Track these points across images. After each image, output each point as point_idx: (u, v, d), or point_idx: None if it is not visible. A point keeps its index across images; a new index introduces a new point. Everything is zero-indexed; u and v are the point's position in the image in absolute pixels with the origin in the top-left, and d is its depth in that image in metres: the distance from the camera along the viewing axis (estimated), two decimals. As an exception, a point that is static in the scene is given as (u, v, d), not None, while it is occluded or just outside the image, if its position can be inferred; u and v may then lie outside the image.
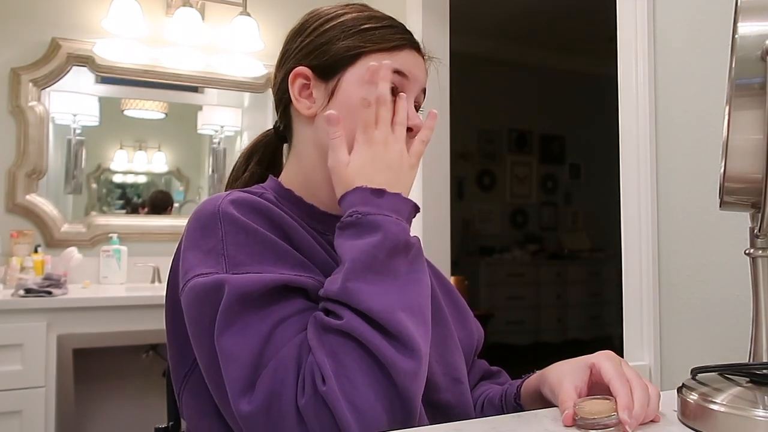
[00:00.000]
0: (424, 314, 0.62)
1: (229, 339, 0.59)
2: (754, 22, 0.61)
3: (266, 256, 0.64)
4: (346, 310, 0.58)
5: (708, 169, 1.18)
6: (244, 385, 0.57)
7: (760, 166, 0.59)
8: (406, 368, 0.57)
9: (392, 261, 0.62)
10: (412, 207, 0.68)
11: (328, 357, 0.57)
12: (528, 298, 5.29)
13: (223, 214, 0.65)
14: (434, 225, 2.31)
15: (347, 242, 0.63)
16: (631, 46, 1.34)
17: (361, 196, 0.65)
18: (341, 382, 0.55)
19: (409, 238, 0.64)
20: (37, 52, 2.43)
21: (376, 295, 0.59)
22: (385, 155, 0.68)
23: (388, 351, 0.57)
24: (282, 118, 0.82)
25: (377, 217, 0.63)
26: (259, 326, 0.59)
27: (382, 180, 0.67)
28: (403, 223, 0.65)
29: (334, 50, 0.74)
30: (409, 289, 0.62)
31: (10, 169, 2.37)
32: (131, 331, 2.04)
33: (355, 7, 0.79)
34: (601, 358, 0.66)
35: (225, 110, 2.82)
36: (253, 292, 0.60)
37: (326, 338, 0.58)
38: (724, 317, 1.14)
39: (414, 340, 0.58)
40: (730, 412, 0.56)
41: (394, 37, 0.75)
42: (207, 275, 0.62)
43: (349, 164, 0.68)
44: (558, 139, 5.89)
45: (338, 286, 0.60)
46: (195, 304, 0.62)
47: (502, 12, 4.51)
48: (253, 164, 0.86)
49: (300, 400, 0.56)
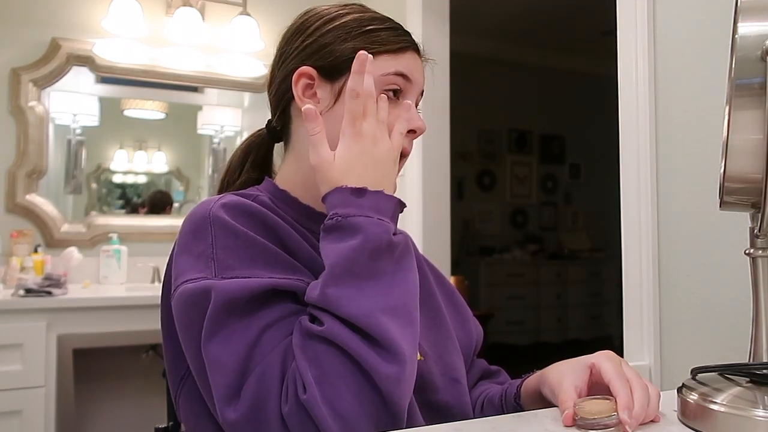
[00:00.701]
0: (411, 314, 0.61)
1: (216, 346, 0.59)
2: (754, 22, 0.61)
3: (256, 260, 0.63)
4: (328, 315, 0.58)
5: (708, 169, 1.18)
6: (230, 392, 0.57)
7: (760, 166, 0.59)
8: (389, 373, 0.56)
9: (375, 262, 0.60)
10: (395, 204, 0.65)
11: (311, 364, 0.56)
12: (528, 298, 5.29)
13: (214, 218, 0.65)
14: (434, 225, 2.31)
15: (329, 246, 0.62)
16: (631, 45, 1.34)
17: (341, 197, 0.63)
18: (323, 390, 0.55)
19: (392, 238, 0.62)
20: (37, 52, 2.43)
21: (357, 299, 0.58)
22: (374, 150, 0.66)
23: (369, 356, 0.56)
24: (280, 118, 0.81)
25: (358, 219, 0.61)
26: (245, 332, 0.59)
27: (370, 177, 0.65)
28: (386, 222, 0.62)
29: (339, 51, 0.74)
30: (394, 290, 0.60)
31: (10, 169, 2.37)
32: (131, 331, 2.04)
33: (355, 7, 0.78)
34: (601, 358, 0.66)
35: (225, 110, 2.82)
36: (239, 298, 0.60)
37: (309, 344, 0.57)
38: (724, 317, 1.14)
39: (397, 344, 0.57)
40: (730, 412, 0.56)
41: (398, 39, 0.75)
42: (196, 281, 0.62)
43: (335, 160, 0.66)
44: (558, 139, 5.89)
45: (317, 292, 0.59)
46: (184, 310, 0.62)
47: (502, 12, 4.51)
48: (248, 166, 0.85)
49: (284, 407, 0.56)
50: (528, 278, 5.32)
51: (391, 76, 0.73)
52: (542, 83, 5.55)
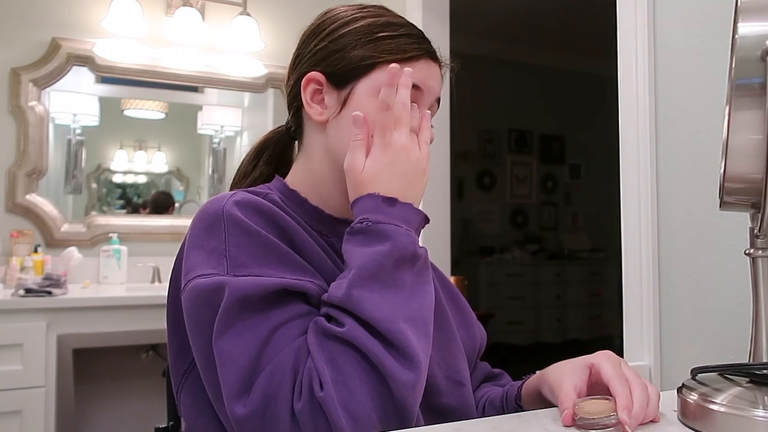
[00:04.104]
0: (427, 326, 0.62)
1: (227, 342, 0.59)
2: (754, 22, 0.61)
3: (268, 258, 0.64)
4: (349, 317, 0.58)
5: (708, 169, 1.18)
6: (240, 388, 0.57)
7: (760, 166, 0.59)
8: (405, 380, 0.57)
9: (399, 271, 0.61)
10: (422, 218, 0.67)
11: (328, 363, 0.57)
12: (528, 298, 5.29)
13: (227, 215, 0.65)
14: (434, 225, 2.29)
15: (356, 249, 0.63)
16: (631, 46, 1.34)
17: (373, 204, 0.65)
18: (339, 389, 0.55)
19: (417, 250, 0.64)
20: (37, 52, 2.43)
21: (380, 304, 0.59)
22: (403, 161, 0.67)
23: (388, 361, 0.57)
24: (294, 120, 0.82)
25: (387, 227, 0.63)
26: (257, 329, 0.59)
27: (397, 187, 0.66)
28: (413, 234, 0.64)
29: (348, 58, 0.73)
30: (414, 300, 0.62)
31: (10, 169, 2.37)
32: (131, 331, 2.04)
33: (372, 10, 0.77)
34: (600, 358, 0.66)
35: (225, 110, 2.82)
36: (253, 296, 0.60)
37: (327, 344, 0.58)
38: (724, 317, 1.14)
39: (415, 351, 0.58)
40: (730, 412, 0.56)
41: (410, 47, 0.74)
42: (208, 276, 0.62)
43: (364, 169, 0.67)
44: (558, 139, 5.89)
45: (343, 292, 0.59)
46: (195, 305, 0.62)
47: (502, 12, 4.51)
48: (262, 162, 0.85)
49: (296, 404, 0.56)
50: (528, 278, 5.32)
51: None
52: (542, 83, 5.54)
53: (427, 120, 0.72)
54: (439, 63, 0.78)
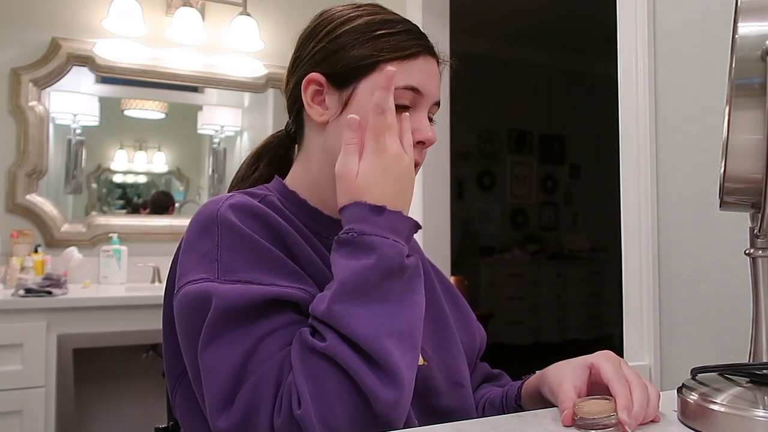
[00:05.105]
0: (414, 339, 0.60)
1: (212, 353, 0.59)
2: (754, 22, 0.61)
3: (260, 264, 0.63)
4: (331, 332, 0.57)
5: (708, 169, 1.18)
6: (223, 400, 0.57)
7: (760, 166, 0.59)
8: (387, 398, 0.55)
9: (385, 284, 0.60)
10: (412, 225, 0.65)
11: (308, 380, 0.55)
12: (528, 298, 5.29)
13: (221, 218, 0.65)
14: (434, 225, 2.31)
15: (341, 261, 0.61)
16: (631, 46, 1.34)
17: (360, 213, 0.63)
18: (318, 407, 0.54)
19: (405, 261, 0.61)
20: (37, 52, 2.43)
21: (363, 319, 0.57)
22: (396, 168, 0.65)
23: (369, 379, 0.55)
24: (294, 122, 0.81)
25: (373, 238, 0.61)
26: (242, 340, 0.59)
27: (390, 194, 0.64)
28: (401, 244, 0.62)
29: (347, 58, 0.72)
30: (401, 313, 0.60)
31: (10, 169, 2.37)
32: (131, 331, 2.04)
33: (368, 8, 0.76)
34: (600, 358, 0.66)
35: (225, 110, 2.82)
36: (240, 306, 0.59)
37: (308, 359, 0.57)
38: (724, 317, 1.14)
39: (398, 368, 0.56)
40: (730, 412, 0.56)
41: (409, 44, 0.73)
42: (198, 282, 0.62)
43: (359, 175, 0.65)
44: (558, 139, 5.89)
45: (324, 307, 0.58)
46: (185, 313, 0.62)
47: (502, 12, 4.51)
48: (262, 166, 0.85)
49: (276, 419, 0.55)
50: (528, 278, 5.32)
51: (399, 91, 0.70)
52: (542, 83, 5.54)
53: (407, 122, 0.70)
54: (437, 59, 0.77)
